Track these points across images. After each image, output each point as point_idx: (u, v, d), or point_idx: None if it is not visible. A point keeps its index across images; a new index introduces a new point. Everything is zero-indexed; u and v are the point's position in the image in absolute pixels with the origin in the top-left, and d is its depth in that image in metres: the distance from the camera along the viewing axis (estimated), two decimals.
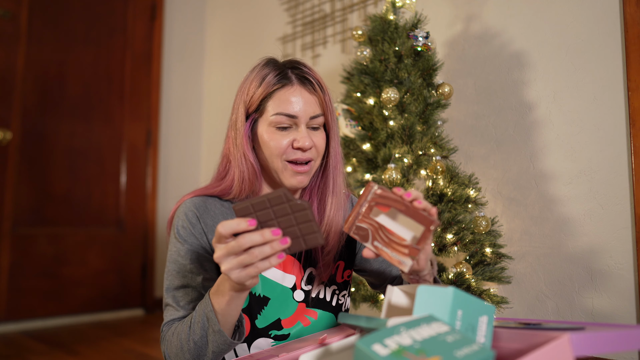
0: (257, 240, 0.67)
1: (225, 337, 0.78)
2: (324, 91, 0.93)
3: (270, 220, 0.69)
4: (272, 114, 0.89)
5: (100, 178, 2.77)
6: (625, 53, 1.52)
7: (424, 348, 0.52)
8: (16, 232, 2.45)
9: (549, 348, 0.53)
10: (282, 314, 0.93)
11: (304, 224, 0.68)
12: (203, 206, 0.93)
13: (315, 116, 0.91)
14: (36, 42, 2.56)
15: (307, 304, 0.95)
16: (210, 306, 0.78)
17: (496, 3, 1.86)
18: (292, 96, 0.89)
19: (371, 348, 0.51)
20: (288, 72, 0.92)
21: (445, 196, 1.49)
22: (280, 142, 0.89)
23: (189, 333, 0.81)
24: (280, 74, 0.91)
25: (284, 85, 0.90)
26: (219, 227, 0.68)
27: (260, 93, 0.90)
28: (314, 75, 0.93)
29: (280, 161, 0.90)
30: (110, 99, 2.83)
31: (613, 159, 1.55)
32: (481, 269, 1.50)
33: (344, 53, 2.37)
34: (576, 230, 1.61)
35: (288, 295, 0.94)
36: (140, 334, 2.37)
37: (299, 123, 0.90)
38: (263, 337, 0.92)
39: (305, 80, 0.92)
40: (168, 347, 0.85)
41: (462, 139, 1.90)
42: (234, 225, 0.67)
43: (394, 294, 0.78)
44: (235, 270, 0.69)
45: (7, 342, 2.18)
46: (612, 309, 1.52)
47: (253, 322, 0.92)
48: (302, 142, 0.88)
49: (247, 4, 2.97)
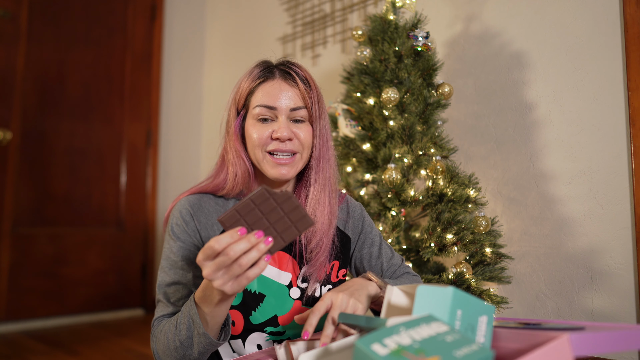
0: (244, 247, 0.67)
1: (211, 339, 0.80)
2: (309, 85, 0.94)
3: (259, 220, 0.69)
4: (254, 106, 0.92)
5: (100, 178, 2.77)
6: (625, 53, 1.52)
7: (423, 348, 0.52)
8: (16, 232, 2.45)
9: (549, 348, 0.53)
10: (279, 311, 0.94)
11: (292, 212, 0.69)
12: (197, 204, 0.94)
13: (295, 108, 0.92)
14: (36, 42, 2.56)
15: (302, 302, 0.96)
16: (194, 309, 0.79)
17: (496, 3, 1.86)
18: (272, 88, 0.92)
19: (370, 348, 0.51)
20: (273, 68, 0.95)
21: (445, 196, 1.49)
22: (261, 133, 0.91)
23: (175, 333, 0.82)
24: (265, 69, 0.94)
25: (266, 79, 0.93)
26: (214, 244, 0.67)
27: (245, 88, 0.94)
28: (299, 70, 0.95)
29: (260, 152, 0.92)
30: (110, 99, 2.83)
31: (613, 159, 1.55)
32: (481, 269, 1.50)
33: (344, 53, 2.37)
34: (576, 230, 1.61)
35: (284, 292, 0.95)
36: (140, 334, 2.37)
37: (279, 114, 0.91)
38: (258, 332, 0.93)
39: (288, 75, 0.93)
40: (157, 343, 0.87)
41: (462, 139, 1.90)
42: (229, 240, 0.67)
43: (394, 294, 0.78)
44: (227, 284, 0.69)
45: (7, 342, 2.18)
46: (612, 309, 1.52)
47: (247, 318, 0.92)
48: (279, 132, 0.89)
49: (247, 4, 2.97)
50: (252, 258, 0.67)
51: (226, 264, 0.67)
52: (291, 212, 0.69)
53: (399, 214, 1.54)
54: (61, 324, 2.56)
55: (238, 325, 0.93)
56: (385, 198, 1.51)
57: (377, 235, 1.09)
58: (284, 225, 0.70)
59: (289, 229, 0.70)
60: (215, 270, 0.68)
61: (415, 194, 1.52)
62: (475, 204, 1.50)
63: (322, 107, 0.96)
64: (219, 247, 0.66)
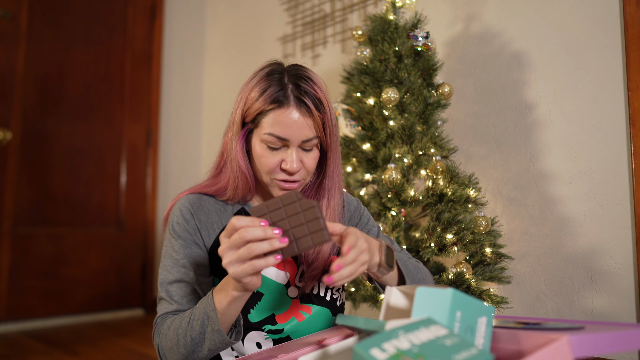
0: (258, 234, 0.69)
1: (224, 336, 0.80)
2: (324, 110, 0.90)
3: (282, 220, 0.72)
4: (265, 132, 0.88)
5: (100, 178, 2.77)
6: (625, 53, 1.52)
7: (422, 352, 0.51)
8: (16, 232, 2.45)
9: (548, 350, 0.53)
10: (276, 310, 0.94)
11: (312, 222, 0.71)
12: (197, 203, 0.95)
13: (307, 140, 0.89)
14: (36, 42, 2.56)
15: (301, 300, 0.97)
16: (212, 305, 0.79)
17: (496, 3, 1.86)
18: (285, 119, 0.87)
19: (369, 352, 0.51)
20: (287, 90, 0.88)
21: (445, 196, 1.49)
22: (269, 161, 0.89)
23: (187, 329, 0.82)
24: (279, 90, 0.88)
25: (280, 105, 0.87)
26: (234, 220, 0.70)
27: (257, 107, 0.89)
28: (315, 92, 0.89)
29: (268, 178, 0.91)
30: (110, 99, 2.83)
31: (613, 159, 1.54)
32: (481, 269, 1.50)
33: (344, 53, 2.37)
34: (576, 230, 1.61)
35: (282, 291, 0.95)
36: (140, 334, 2.37)
37: (290, 145, 0.88)
38: (256, 331, 0.94)
39: (303, 102, 0.88)
40: (163, 340, 0.87)
41: (462, 139, 1.90)
42: (248, 222, 0.70)
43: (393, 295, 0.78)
44: (233, 265, 0.70)
45: (7, 342, 2.19)
46: (612, 309, 1.52)
47: (245, 316, 0.93)
48: (289, 165, 0.88)
49: (247, 4, 2.97)
50: (263, 248, 0.69)
51: (237, 244, 0.69)
52: (310, 222, 0.71)
53: (399, 214, 1.54)
54: (61, 324, 2.56)
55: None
56: (385, 198, 1.51)
57: (375, 226, 1.10)
58: (301, 233, 0.72)
59: (304, 237, 0.72)
60: (228, 247, 0.70)
61: (415, 194, 1.52)
62: (475, 204, 1.50)
63: (335, 127, 0.94)
64: (237, 225, 0.70)
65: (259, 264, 0.70)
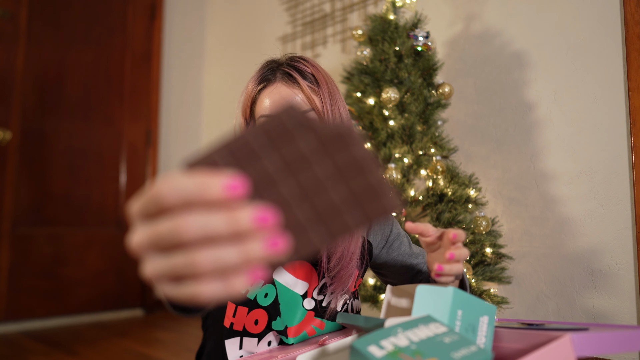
0: (218, 227, 0.29)
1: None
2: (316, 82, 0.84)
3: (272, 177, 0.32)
4: (258, 117, 0.85)
5: (100, 178, 2.76)
6: (626, 53, 1.52)
7: (420, 349, 0.51)
8: (16, 232, 2.45)
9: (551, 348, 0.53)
10: (290, 322, 0.88)
11: (363, 175, 0.31)
12: None
13: None
14: (36, 42, 2.56)
15: (316, 313, 0.89)
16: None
17: (496, 3, 1.85)
18: (271, 95, 0.83)
19: (367, 349, 0.50)
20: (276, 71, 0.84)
21: (446, 196, 1.49)
22: None
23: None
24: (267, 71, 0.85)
25: (267, 83, 0.84)
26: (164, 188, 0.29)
27: (249, 97, 0.87)
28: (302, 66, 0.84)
29: None
30: (110, 99, 2.82)
31: (613, 159, 1.54)
32: (481, 269, 1.49)
33: (344, 53, 2.36)
34: (576, 231, 1.60)
35: (298, 302, 0.88)
36: (140, 334, 2.36)
37: None
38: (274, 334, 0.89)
39: (288, 74, 0.83)
40: None
41: (462, 139, 1.90)
42: (192, 190, 0.29)
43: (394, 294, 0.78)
44: (162, 282, 0.31)
45: (7, 342, 2.18)
46: (612, 309, 1.52)
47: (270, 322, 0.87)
48: None
49: (247, 4, 2.97)
50: (225, 261, 0.29)
51: (165, 243, 0.29)
52: (359, 177, 0.31)
53: (399, 214, 1.53)
54: (61, 324, 2.55)
55: (260, 324, 0.87)
56: None
57: (404, 235, 1.00)
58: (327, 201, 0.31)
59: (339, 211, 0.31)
60: (148, 241, 0.30)
61: (415, 194, 1.52)
62: (476, 204, 1.50)
63: (335, 101, 0.85)
64: (168, 198, 0.29)
65: (212, 292, 0.29)
